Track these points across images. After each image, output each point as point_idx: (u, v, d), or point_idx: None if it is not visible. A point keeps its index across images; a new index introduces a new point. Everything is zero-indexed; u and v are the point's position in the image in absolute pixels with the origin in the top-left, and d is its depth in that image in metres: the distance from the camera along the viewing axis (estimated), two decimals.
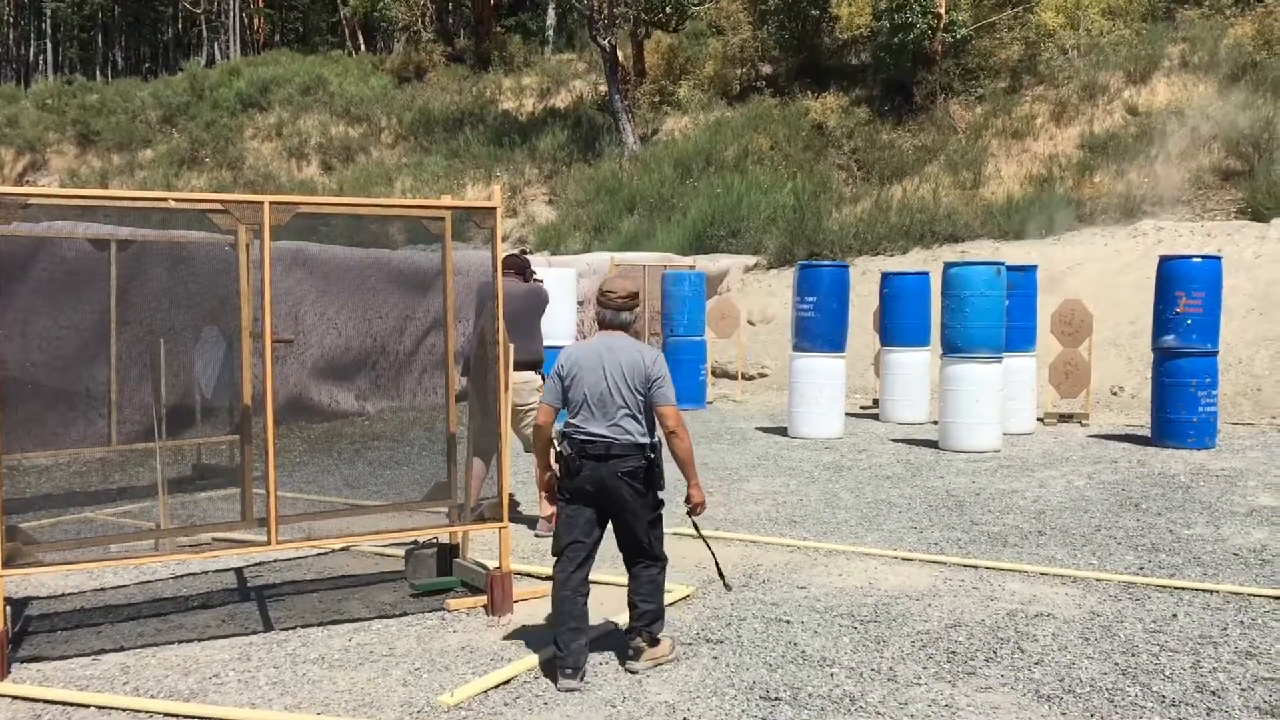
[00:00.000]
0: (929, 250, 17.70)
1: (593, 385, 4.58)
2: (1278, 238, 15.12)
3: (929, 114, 22.06)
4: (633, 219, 22.05)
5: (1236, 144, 17.59)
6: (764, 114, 24.30)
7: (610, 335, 4.73)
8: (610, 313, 4.77)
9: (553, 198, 25.10)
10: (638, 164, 24.09)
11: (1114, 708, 4.27)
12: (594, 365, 4.61)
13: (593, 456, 4.54)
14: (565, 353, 4.74)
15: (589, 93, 29.65)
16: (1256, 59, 19.35)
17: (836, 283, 11.87)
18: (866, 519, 7.70)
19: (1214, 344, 10.65)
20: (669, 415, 4.58)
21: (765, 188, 20.84)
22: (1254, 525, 7.32)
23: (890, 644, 5.01)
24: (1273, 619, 5.34)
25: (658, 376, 4.59)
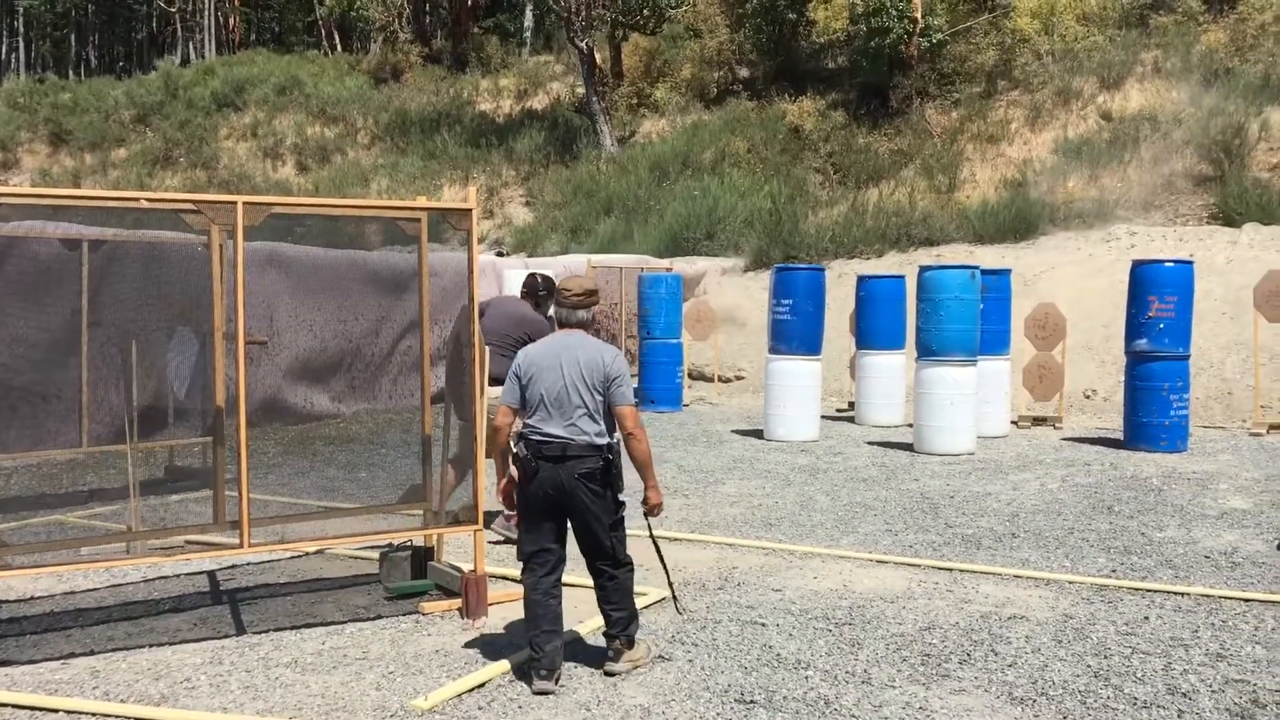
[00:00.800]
0: (905, 254, 17.78)
1: (550, 385, 4.51)
2: (1249, 242, 15.28)
3: (905, 118, 22.17)
4: (610, 221, 22.05)
5: (1209, 149, 17.76)
6: (741, 117, 24.36)
7: (569, 334, 4.67)
8: (566, 311, 4.70)
9: (530, 199, 25.08)
10: (615, 166, 24.09)
11: (1086, 710, 4.29)
12: (552, 365, 4.54)
13: (549, 458, 4.46)
14: (523, 352, 4.68)
15: (566, 94, 29.65)
16: (1229, 65, 19.55)
17: (812, 285, 11.90)
18: (842, 521, 7.71)
19: (1186, 348, 10.74)
20: (627, 416, 4.51)
21: (742, 190, 20.89)
22: (1225, 528, 7.39)
23: (865, 646, 5.03)
24: (1243, 621, 5.39)
25: (616, 376, 4.52)
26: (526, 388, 4.58)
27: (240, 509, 5.02)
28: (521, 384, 4.59)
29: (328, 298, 11.41)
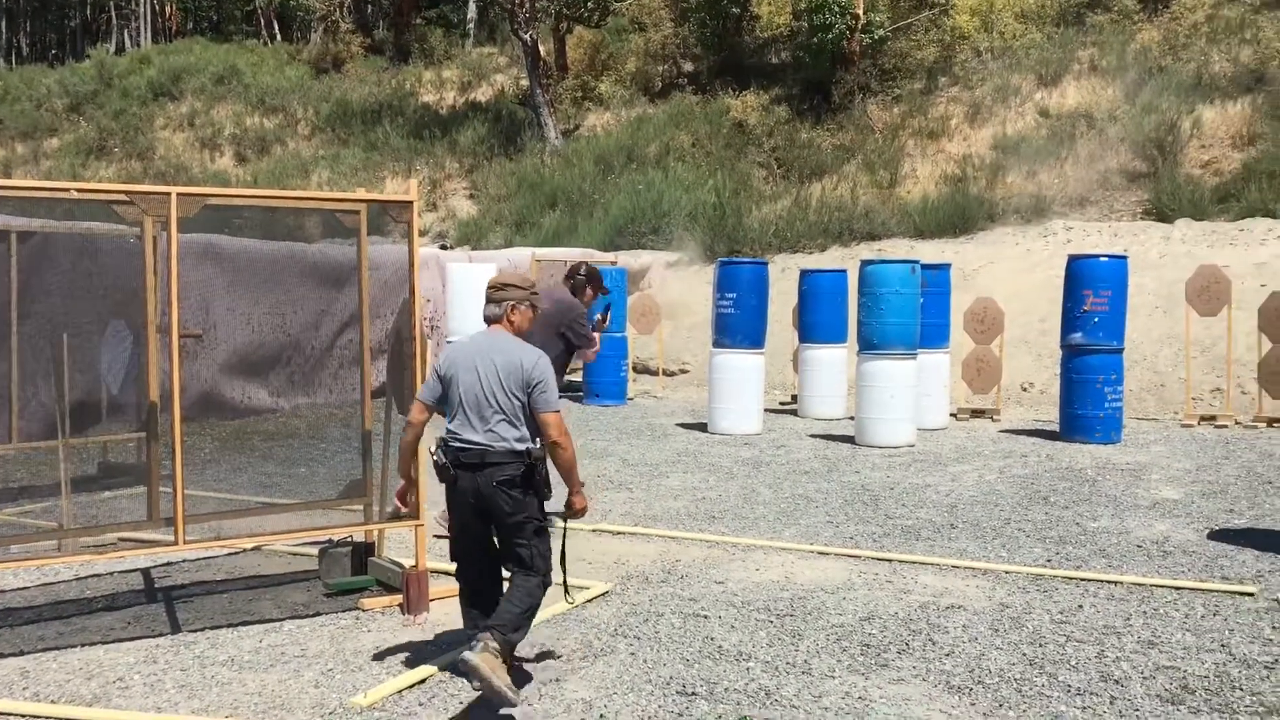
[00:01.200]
0: (847, 248, 17.94)
1: (467, 388, 4.27)
2: (1181, 238, 15.61)
3: (847, 113, 22.34)
4: (555, 214, 21.97)
5: (1143, 147, 18.11)
6: (685, 111, 24.39)
7: (489, 334, 4.41)
8: (485, 306, 4.46)
9: (474, 192, 24.91)
10: (560, 159, 24.02)
11: (1022, 697, 4.36)
12: (469, 366, 4.29)
13: (467, 466, 4.23)
14: (446, 350, 4.52)
15: (510, 87, 29.48)
16: (1162, 64, 19.94)
17: (756, 280, 11.96)
18: (784, 514, 7.76)
19: (1120, 341, 10.95)
20: (551, 424, 4.25)
21: (687, 184, 20.92)
22: (1157, 518, 7.54)
23: (806, 637, 5.06)
24: (1173, 609, 5.51)
25: (538, 381, 4.26)
26: (447, 387, 4.35)
27: (175, 505, 4.94)
28: (442, 382, 4.38)
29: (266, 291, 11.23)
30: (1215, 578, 6.05)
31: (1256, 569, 6.22)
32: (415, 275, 5.38)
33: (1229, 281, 12.13)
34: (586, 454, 10.25)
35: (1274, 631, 5.14)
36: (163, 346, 5.34)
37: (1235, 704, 4.29)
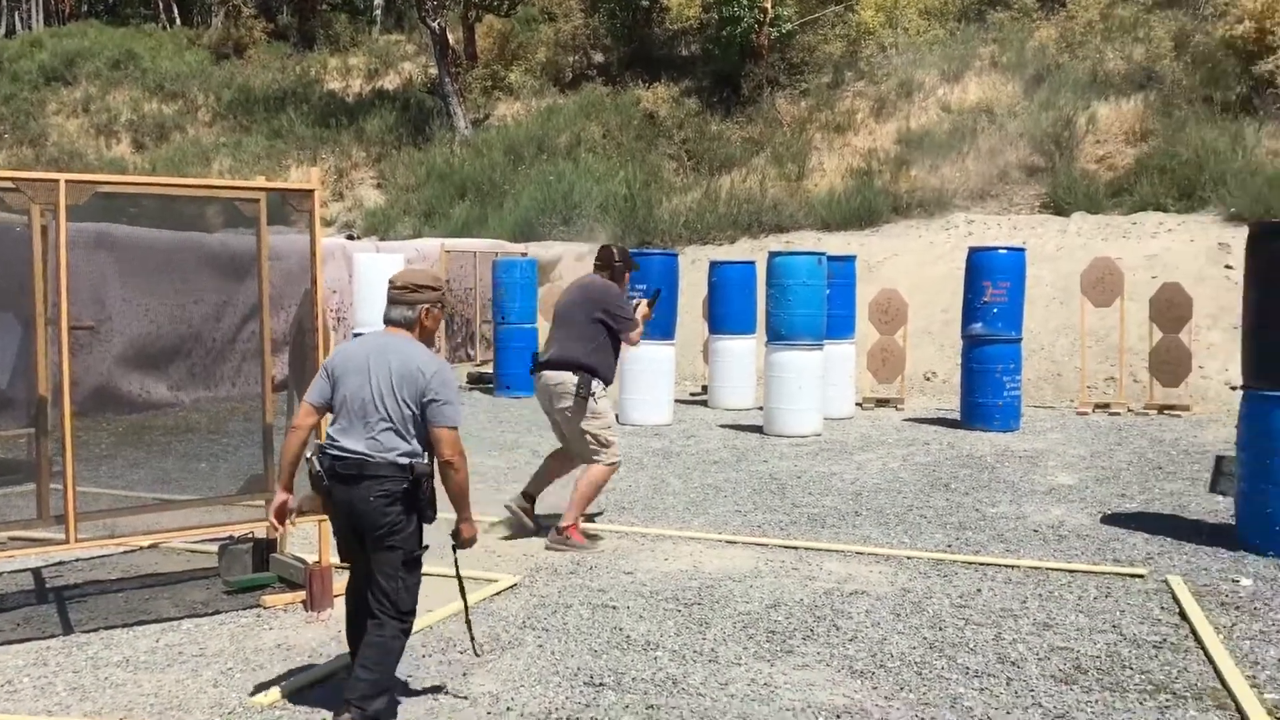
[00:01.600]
0: (756, 240, 18.11)
1: (354, 390, 3.89)
2: (1077, 231, 16.07)
3: (756, 106, 22.52)
4: (464, 205, 21.78)
5: (1040, 142, 18.59)
6: (596, 102, 24.35)
7: (389, 335, 4.05)
8: (387, 305, 4.08)
9: (381, 181, 24.56)
10: (469, 149, 23.80)
11: (922, 680, 4.46)
12: (359, 367, 3.91)
13: (342, 477, 3.85)
14: (338, 348, 4.13)
15: (419, 75, 29.10)
16: (1059, 61, 20.48)
17: (666, 271, 12.00)
18: (693, 504, 7.82)
19: (1018, 331, 11.24)
20: (445, 440, 3.86)
21: (597, 175, 20.90)
22: (1052, 503, 7.77)
23: (713, 625, 5.11)
24: (1067, 591, 5.68)
25: (435, 393, 3.86)
26: (334, 387, 3.98)
27: (66, 502, 4.78)
28: (331, 382, 4.00)
29: (164, 281, 10.94)
30: (1108, 561, 6.25)
31: (1146, 552, 6.44)
32: (317, 265, 5.28)
33: (1122, 273, 12.53)
34: (497, 446, 10.21)
35: (1162, 612, 5.33)
36: (53, 339, 5.16)
37: (1125, 683, 4.44)
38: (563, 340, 6.68)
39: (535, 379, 6.83)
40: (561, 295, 7.08)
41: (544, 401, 6.82)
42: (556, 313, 6.92)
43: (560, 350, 6.65)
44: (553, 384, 6.62)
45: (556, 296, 14.97)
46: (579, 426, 6.61)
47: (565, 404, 6.60)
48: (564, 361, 6.61)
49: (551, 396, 6.67)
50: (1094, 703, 4.23)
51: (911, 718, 4.09)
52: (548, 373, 6.66)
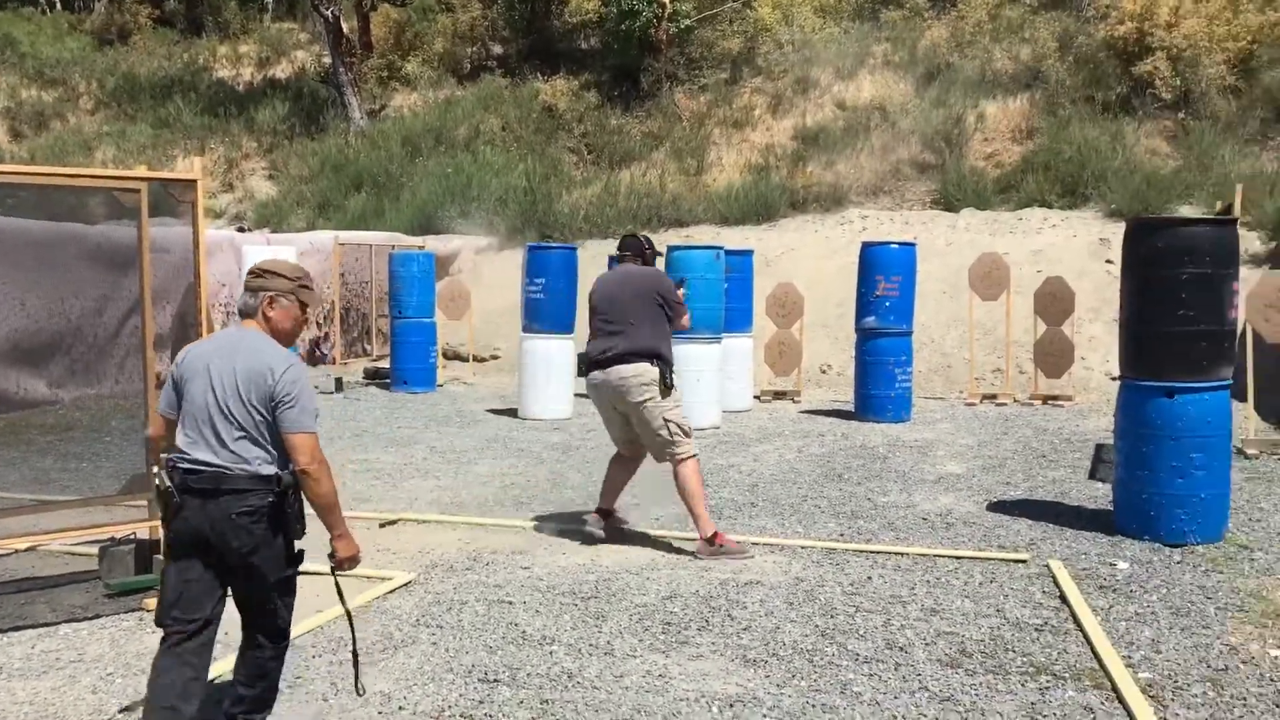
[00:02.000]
0: (656, 234, 18.11)
1: (197, 395, 3.49)
2: (966, 226, 16.50)
3: (655, 101, 22.60)
4: (360, 197, 21.41)
5: (931, 139, 19.02)
6: (495, 94, 24.15)
7: (239, 331, 3.66)
8: (240, 296, 3.72)
9: (274, 173, 23.99)
10: (365, 140, 23.39)
11: (813, 667, 4.53)
12: (202, 369, 3.52)
13: (197, 491, 3.43)
14: (185, 349, 3.68)
15: (312, 64, 28.49)
16: (949, 60, 20.97)
17: (565, 264, 11.98)
18: (592, 498, 7.77)
19: (909, 325, 11.49)
20: (300, 447, 3.46)
21: (497, 168, 20.74)
22: (941, 491, 7.97)
23: (609, 619, 5.12)
24: (954, 577, 5.83)
25: (285, 395, 3.46)
26: (181, 393, 3.57)
27: None
28: (177, 388, 3.58)
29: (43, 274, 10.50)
30: (993, 547, 6.44)
31: (1029, 537, 6.65)
32: (200, 258, 5.14)
33: (1008, 268, 12.90)
34: (394, 442, 10.07)
35: (1044, 596, 5.51)
36: None
37: (1008, 665, 4.57)
38: (627, 331, 6.28)
39: (594, 379, 6.38)
40: (600, 288, 6.59)
41: (611, 400, 6.36)
42: (603, 305, 6.46)
43: (631, 341, 6.24)
44: (630, 378, 6.20)
45: (455, 290, 14.90)
46: (662, 417, 6.23)
47: (646, 396, 6.21)
48: (639, 352, 6.24)
49: (626, 392, 6.24)
50: (978, 685, 4.35)
51: (802, 704, 4.16)
52: (621, 368, 6.22)
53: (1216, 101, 17.79)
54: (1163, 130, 17.93)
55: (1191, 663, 4.59)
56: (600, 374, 6.31)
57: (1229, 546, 6.34)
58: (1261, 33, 18.33)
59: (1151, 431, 6.41)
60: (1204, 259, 6.32)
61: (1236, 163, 16.37)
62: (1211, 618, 5.14)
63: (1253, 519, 6.97)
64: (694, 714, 4.07)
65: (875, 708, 4.13)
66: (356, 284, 16.52)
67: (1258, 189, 15.42)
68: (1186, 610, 5.25)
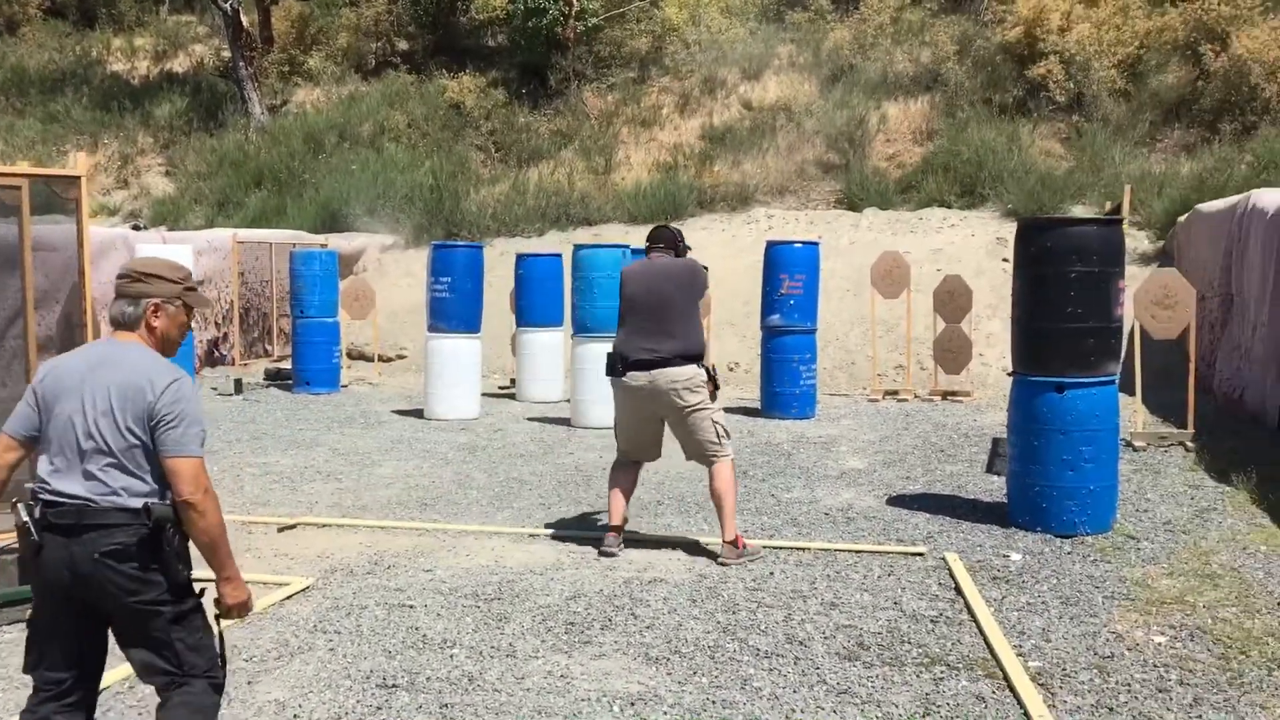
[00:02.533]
0: (565, 232, 18.13)
1: (64, 416, 3.05)
2: (869, 225, 16.78)
3: (564, 99, 22.54)
4: (261, 194, 20.95)
5: (835, 140, 19.30)
6: (400, 91, 23.83)
7: (115, 343, 3.20)
8: (113, 303, 3.22)
9: (171, 169, 23.35)
10: (266, 136, 22.89)
11: (714, 664, 4.57)
12: (73, 386, 3.07)
13: (58, 528, 2.99)
14: (48, 363, 3.24)
15: (211, 59, 27.79)
16: (852, 62, 21.31)
17: (471, 263, 11.88)
18: (498, 498, 7.78)
19: (813, 322, 11.64)
20: (182, 474, 3.01)
21: (402, 166, 20.48)
22: (843, 486, 8.09)
23: (512, 620, 5.09)
24: (854, 571, 5.93)
25: (167, 414, 3.02)
26: (44, 414, 3.11)
27: None
28: (40, 407, 3.12)
29: None
30: (892, 540, 6.56)
31: (927, 531, 6.79)
32: (85, 257, 4.98)
33: (908, 266, 13.15)
34: (294, 445, 9.88)
35: (940, 588, 5.63)
36: None
37: (903, 656, 4.67)
38: (673, 331, 6.05)
39: (634, 380, 6.10)
40: (637, 282, 6.28)
41: (653, 404, 6.12)
42: (642, 300, 6.17)
43: (680, 343, 6.03)
44: (679, 380, 6.01)
45: (359, 289, 14.66)
46: (709, 420, 6.10)
47: (695, 399, 6.04)
48: (688, 355, 6.05)
49: (674, 394, 6.02)
50: (874, 677, 4.43)
51: (703, 701, 4.19)
52: (669, 370, 6.00)
53: (1107, 104, 18.38)
54: (1057, 132, 18.46)
55: (1079, 650, 4.73)
56: (645, 376, 6.05)
57: (1117, 537, 6.55)
58: (1149, 37, 19.00)
59: (1042, 426, 6.60)
60: (1091, 258, 6.52)
61: (1126, 164, 16.94)
62: (1099, 606, 5.31)
63: (1140, 510, 7.21)
64: (595, 714, 4.07)
65: (774, 702, 4.18)
66: (257, 283, 16.18)
67: (1147, 189, 15.99)
68: (1075, 599, 5.41)
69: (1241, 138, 17.03)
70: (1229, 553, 6.17)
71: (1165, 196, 15.60)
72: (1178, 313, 9.56)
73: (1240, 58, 17.30)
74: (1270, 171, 15.14)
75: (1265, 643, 4.78)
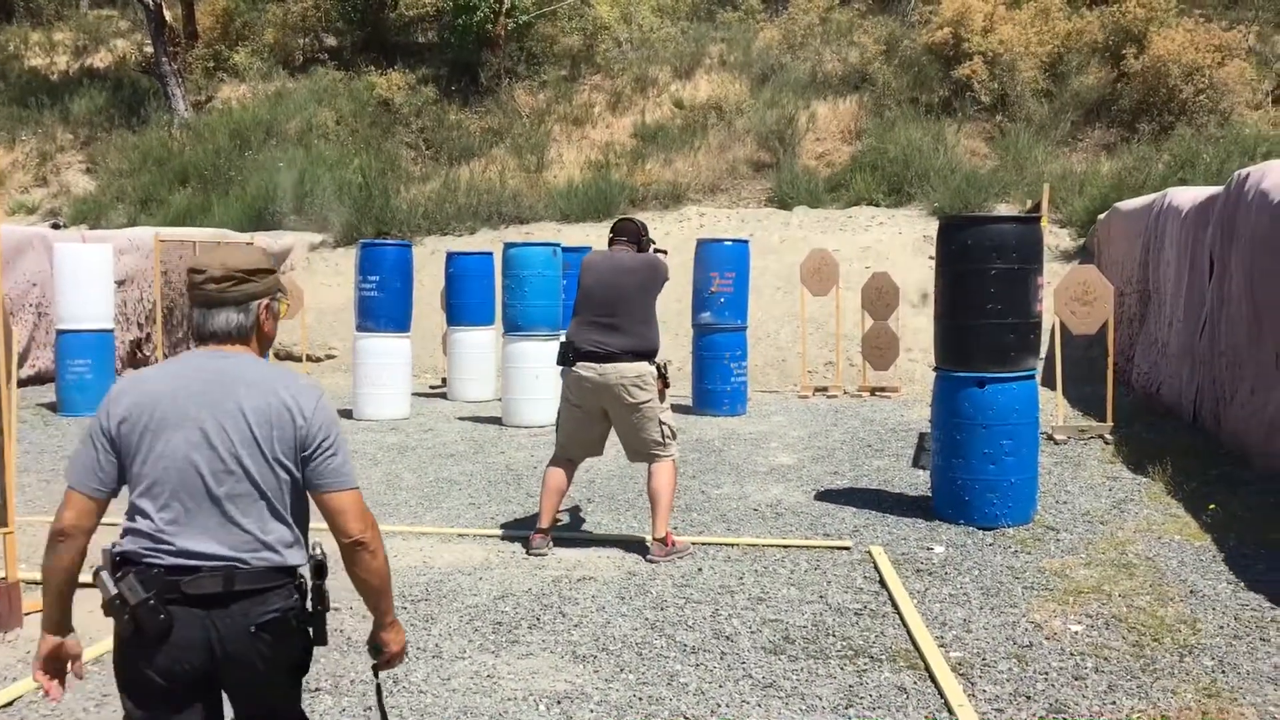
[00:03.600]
0: (496, 231, 18.04)
1: (178, 452, 2.44)
2: (799, 224, 16.93)
3: (495, 97, 22.42)
4: (185, 192, 20.57)
5: (766, 139, 19.45)
6: (328, 87, 23.53)
7: (217, 354, 2.58)
8: (201, 311, 2.59)
9: (91, 166, 22.81)
10: (190, 133, 22.47)
11: (642, 660, 4.58)
12: (178, 414, 2.45)
13: (197, 599, 2.38)
14: (120, 387, 2.53)
15: (133, 54, 27.20)
16: (782, 61, 21.49)
17: (400, 261, 11.78)
18: (427, 498, 7.72)
19: (744, 320, 11.72)
20: (350, 511, 2.56)
21: (331, 163, 20.22)
22: (772, 482, 8.16)
23: (439, 620, 5.06)
24: (781, 566, 5.98)
25: (324, 440, 2.55)
26: (131, 455, 2.46)
27: None
28: (117, 447, 2.46)
29: None
30: (819, 535, 6.63)
31: (854, 525, 6.87)
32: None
33: (837, 264, 13.28)
34: None
35: (865, 581, 5.71)
36: None
37: (828, 649, 4.72)
38: (626, 327, 6.01)
39: (584, 372, 6.03)
40: (594, 273, 6.19)
41: (601, 398, 6.06)
42: (598, 293, 6.09)
43: (632, 338, 6.00)
44: (628, 376, 5.96)
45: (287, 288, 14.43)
46: (659, 419, 6.08)
47: (643, 398, 6.00)
48: (639, 351, 6.02)
49: (622, 389, 5.98)
50: (799, 670, 4.47)
51: (629, 697, 4.20)
52: (620, 365, 5.97)
53: (1030, 104, 18.75)
54: (981, 131, 18.79)
55: (999, 640, 4.82)
56: (594, 369, 5.99)
57: (1037, 528, 6.69)
58: (1070, 39, 19.42)
59: (964, 420, 6.72)
60: (1011, 255, 6.65)
61: (1049, 163, 17.30)
62: (1019, 597, 5.42)
63: (1060, 501, 7.37)
64: (521, 713, 4.06)
65: (700, 697, 4.21)
66: (180, 282, 15.85)
67: (1068, 188, 16.34)
68: (996, 590, 5.52)
69: (1159, 137, 17.48)
70: (1144, 543, 6.33)
71: (1086, 195, 15.97)
72: (1097, 309, 9.78)
73: (1158, 59, 17.75)
74: (1186, 170, 15.57)
75: (1177, 630, 4.91)
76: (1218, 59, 17.71)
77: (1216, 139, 16.54)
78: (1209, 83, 17.61)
